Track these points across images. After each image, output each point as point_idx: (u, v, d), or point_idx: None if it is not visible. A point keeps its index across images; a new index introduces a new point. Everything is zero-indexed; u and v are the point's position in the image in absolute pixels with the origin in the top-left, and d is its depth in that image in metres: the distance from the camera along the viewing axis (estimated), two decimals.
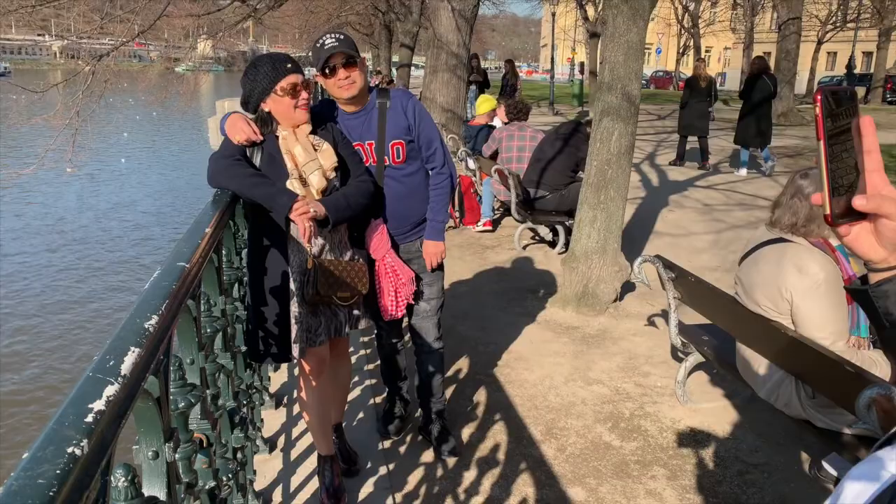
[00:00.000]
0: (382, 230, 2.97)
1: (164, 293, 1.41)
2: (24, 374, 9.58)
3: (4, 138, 32.94)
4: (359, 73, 2.80)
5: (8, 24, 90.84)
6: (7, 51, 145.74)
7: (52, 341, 10.66)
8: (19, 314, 11.60)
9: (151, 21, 8.73)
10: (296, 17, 25.78)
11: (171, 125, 36.27)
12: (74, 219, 18.14)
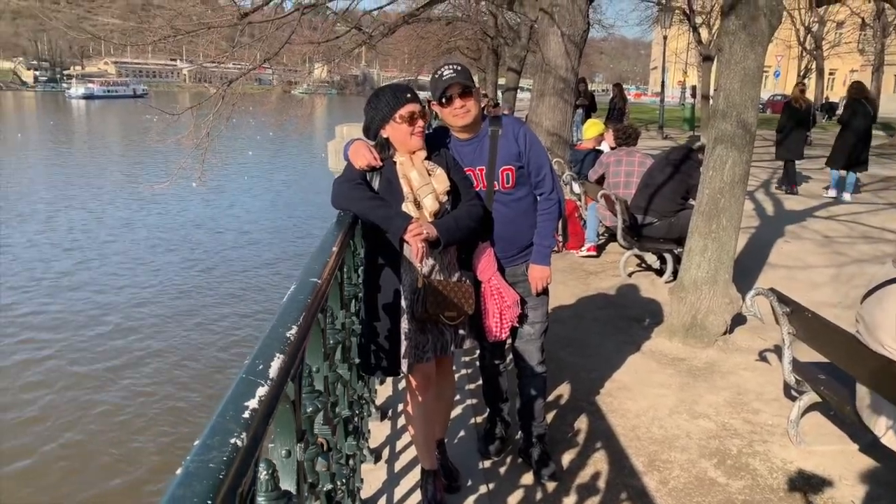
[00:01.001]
0: (490, 253, 3.06)
1: (301, 306, 1.55)
2: (155, 370, 10.39)
3: (142, 155, 35.89)
4: (473, 103, 2.92)
5: (146, 51, 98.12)
6: (145, 74, 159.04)
7: (182, 339, 11.51)
8: (154, 315, 12.62)
9: (276, 49, 9.32)
10: (406, 43, 26.62)
11: (287, 145, 38.29)
12: (201, 230, 19.56)
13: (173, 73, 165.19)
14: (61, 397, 9.58)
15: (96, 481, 7.66)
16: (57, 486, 7.56)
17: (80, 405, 9.38)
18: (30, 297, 13.56)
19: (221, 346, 11.49)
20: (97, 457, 8.17)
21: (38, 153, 39.83)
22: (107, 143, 47.44)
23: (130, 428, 8.81)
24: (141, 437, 8.56)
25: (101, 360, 10.78)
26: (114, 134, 55.34)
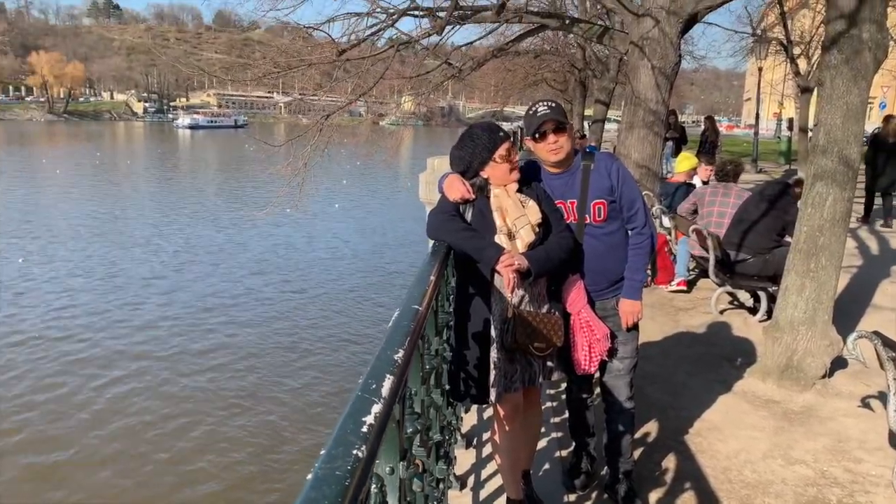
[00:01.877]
0: (580, 286, 3.09)
1: (405, 331, 1.65)
2: (256, 384, 10.88)
3: (242, 183, 37.79)
4: (566, 139, 3.00)
5: (246, 83, 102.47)
6: (243, 105, 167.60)
7: (277, 358, 12.04)
8: (254, 334, 13.27)
9: (370, 84, 9.69)
10: (493, 75, 26.97)
11: (376, 174, 39.36)
12: (296, 255, 20.43)
13: (270, 105, 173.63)
14: (171, 407, 10.17)
15: (200, 484, 8.14)
16: (169, 490, 8.09)
17: (184, 415, 9.92)
18: (139, 315, 14.47)
19: (311, 364, 11.92)
20: (196, 462, 8.65)
21: (146, 179, 42.62)
22: (209, 171, 50.24)
23: (230, 439, 9.26)
24: (239, 450, 8.98)
25: (205, 373, 11.41)
26: (216, 162, 58.49)
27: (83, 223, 24.64)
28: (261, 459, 8.78)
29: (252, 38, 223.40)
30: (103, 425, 9.66)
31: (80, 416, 9.92)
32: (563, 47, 21.29)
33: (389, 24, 9.18)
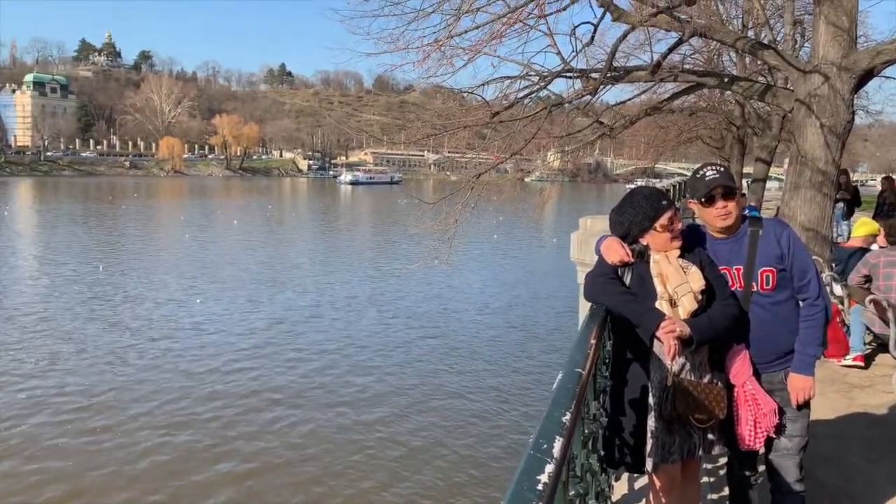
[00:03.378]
0: (745, 356, 2.96)
1: (571, 394, 1.69)
2: (410, 430, 11.21)
3: (396, 236, 39.58)
4: (735, 205, 2.92)
5: (399, 142, 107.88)
6: (397, 163, 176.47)
7: (427, 406, 12.36)
8: (415, 380, 13.76)
9: (521, 144, 9.93)
10: (644, 132, 26.52)
11: (522, 230, 39.71)
12: (444, 307, 21.00)
13: (421, 163, 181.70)
14: (333, 459, 10.69)
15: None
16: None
17: (351, 470, 10.36)
18: (297, 353, 15.45)
19: (461, 414, 12.08)
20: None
21: (312, 231, 45.87)
22: (367, 225, 53.25)
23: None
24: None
25: (374, 425, 11.86)
26: (373, 216, 61.84)
27: (255, 269, 26.91)
28: None
29: (407, 101, 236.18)
30: (273, 454, 10.34)
31: (275, 447, 10.67)
32: (719, 104, 20.62)
33: (542, 87, 9.41)
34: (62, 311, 19.05)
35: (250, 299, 21.22)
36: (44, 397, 12.51)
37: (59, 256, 29.37)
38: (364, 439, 11.14)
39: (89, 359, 14.80)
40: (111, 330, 17.19)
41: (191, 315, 18.90)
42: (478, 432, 11.40)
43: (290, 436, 11.25)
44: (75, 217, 49.58)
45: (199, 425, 11.51)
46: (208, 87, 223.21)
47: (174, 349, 15.71)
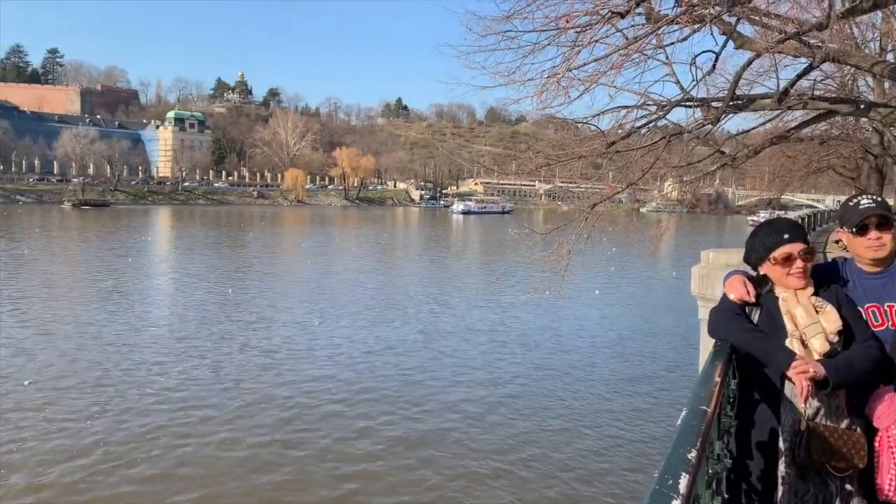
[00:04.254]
0: (890, 399, 2.75)
1: (696, 431, 1.66)
2: (521, 460, 11.13)
3: (507, 265, 39.70)
4: (890, 237, 2.75)
5: (509, 172, 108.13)
6: (506, 193, 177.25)
7: (542, 437, 12.22)
8: (520, 415, 13.68)
9: (638, 174, 9.75)
10: (769, 161, 25.23)
11: (637, 262, 38.67)
12: (556, 336, 20.82)
13: (531, 193, 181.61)
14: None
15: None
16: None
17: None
18: (408, 381, 15.75)
19: (572, 445, 11.83)
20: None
21: (424, 258, 46.83)
22: (478, 253, 53.78)
23: None
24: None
25: (490, 455, 11.90)
26: (484, 245, 62.34)
27: (370, 294, 27.79)
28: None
29: (519, 131, 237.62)
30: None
31: (384, 470, 10.97)
32: (854, 131, 19.29)
33: (661, 116, 9.22)
34: (198, 330, 20.44)
35: (365, 324, 21.88)
36: (183, 410, 13.42)
37: (195, 279, 31.61)
38: (476, 469, 11.14)
39: (221, 376, 15.76)
40: (242, 350, 18.21)
41: (311, 338, 19.74)
42: (591, 468, 11.13)
43: (400, 458, 11.44)
44: (209, 243, 53.29)
45: (313, 442, 11.96)
46: (330, 121, 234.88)
47: (296, 370, 16.43)
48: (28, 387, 14.30)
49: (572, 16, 7.20)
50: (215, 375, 15.77)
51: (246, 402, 13.99)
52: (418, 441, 12.23)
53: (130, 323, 21.21)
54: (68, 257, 41.02)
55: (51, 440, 11.70)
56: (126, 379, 15.23)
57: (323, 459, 11.37)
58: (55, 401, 13.63)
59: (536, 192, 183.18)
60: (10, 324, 20.38)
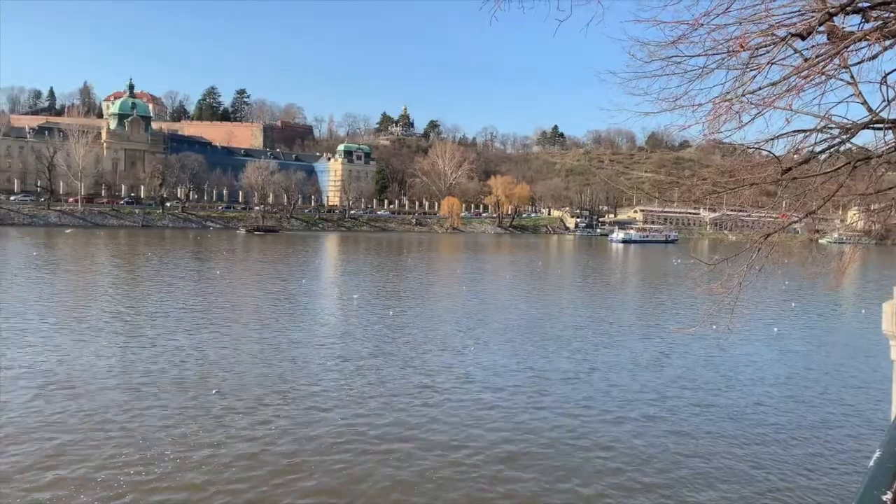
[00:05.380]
0: None
1: (891, 472, 1.58)
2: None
3: (670, 296, 38.13)
4: None
5: (673, 201, 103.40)
6: (667, 221, 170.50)
7: (713, 475, 11.63)
8: (685, 452, 13.09)
9: (818, 202, 9.07)
10: None
11: (816, 298, 35.53)
12: (722, 374, 19.66)
13: (695, 222, 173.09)
14: None
15: None
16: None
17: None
18: (561, 412, 15.58)
19: (749, 495, 11.11)
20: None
21: (580, 287, 46.17)
22: (638, 283, 52.18)
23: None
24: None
25: (631, 479, 11.57)
26: (645, 276, 60.37)
27: (524, 322, 27.85)
28: None
29: (682, 157, 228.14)
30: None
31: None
32: None
33: (844, 140, 8.55)
34: (363, 349, 21.59)
35: (522, 352, 21.94)
36: (353, 426, 14.23)
37: (349, 301, 33.43)
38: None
39: (386, 395, 16.52)
40: (402, 370, 18.99)
41: (468, 363, 20.11)
42: None
43: (563, 496, 11.32)
44: (372, 267, 56.16)
45: (475, 468, 12.16)
46: (486, 150, 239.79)
47: (455, 396, 16.82)
48: (213, 396, 15.82)
49: (746, 38, 6.95)
50: (381, 396, 16.55)
51: (410, 424, 14.51)
52: (584, 478, 12.02)
53: (305, 341, 22.85)
54: (252, 278, 45.05)
55: (230, 445, 12.88)
56: (299, 393, 16.41)
57: (486, 489, 11.53)
58: (236, 409, 14.98)
59: (701, 221, 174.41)
60: (206, 338, 22.73)
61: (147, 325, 24.56)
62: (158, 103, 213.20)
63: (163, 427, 13.65)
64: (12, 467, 11.46)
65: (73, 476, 11.23)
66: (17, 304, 28.29)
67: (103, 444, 12.69)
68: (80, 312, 27.05)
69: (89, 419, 13.97)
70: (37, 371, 17.45)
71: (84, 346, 20.56)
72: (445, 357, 20.83)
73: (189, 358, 19.60)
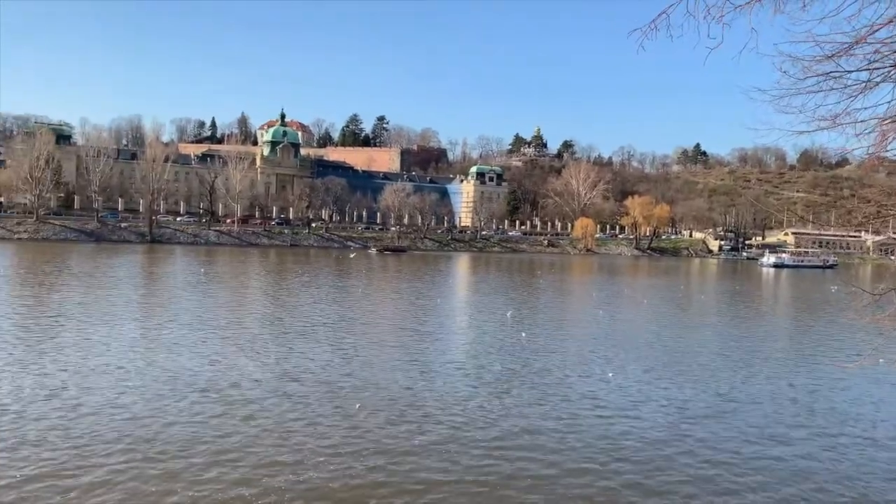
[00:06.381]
0: None
1: None
2: None
3: (830, 328, 35.29)
4: None
5: (829, 223, 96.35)
6: (825, 244, 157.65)
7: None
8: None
9: None
10: None
11: None
12: (891, 412, 17.88)
13: (855, 246, 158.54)
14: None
15: None
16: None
17: None
18: (705, 453, 14.84)
19: None
20: None
21: (723, 315, 43.76)
22: (790, 312, 48.73)
23: None
24: None
25: None
26: (798, 304, 56.22)
27: (663, 350, 26.76)
28: None
29: (840, 176, 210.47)
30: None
31: None
32: None
33: None
34: (494, 369, 21.75)
35: (663, 382, 21.09)
36: (494, 448, 14.41)
37: (491, 322, 33.69)
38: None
39: (525, 420, 16.55)
40: (542, 396, 18.86)
41: (605, 391, 19.58)
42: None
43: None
44: (503, 288, 56.38)
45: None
46: (622, 170, 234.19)
47: (594, 425, 16.50)
48: (358, 411, 16.52)
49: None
50: (517, 418, 16.59)
51: (548, 448, 14.42)
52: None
53: (441, 359, 23.32)
54: (390, 296, 46.75)
55: (369, 458, 13.42)
56: (438, 412, 16.75)
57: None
58: (378, 424, 15.58)
59: (863, 245, 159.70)
60: (349, 352, 23.88)
61: (297, 337, 26.18)
62: (306, 131, 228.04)
63: (311, 435, 14.48)
64: (181, 464, 12.64)
65: (231, 476, 12.19)
66: (186, 315, 31.20)
67: (257, 445, 13.70)
68: (238, 324, 29.37)
69: (246, 423, 15.10)
70: (199, 378, 19.11)
71: (240, 356, 22.27)
72: (584, 384, 20.43)
73: (333, 370, 20.66)
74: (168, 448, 13.40)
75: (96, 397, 16.75)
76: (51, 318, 29.06)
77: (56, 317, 29.57)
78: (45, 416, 15.13)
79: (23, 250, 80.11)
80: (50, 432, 14.02)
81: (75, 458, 12.68)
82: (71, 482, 11.63)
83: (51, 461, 12.50)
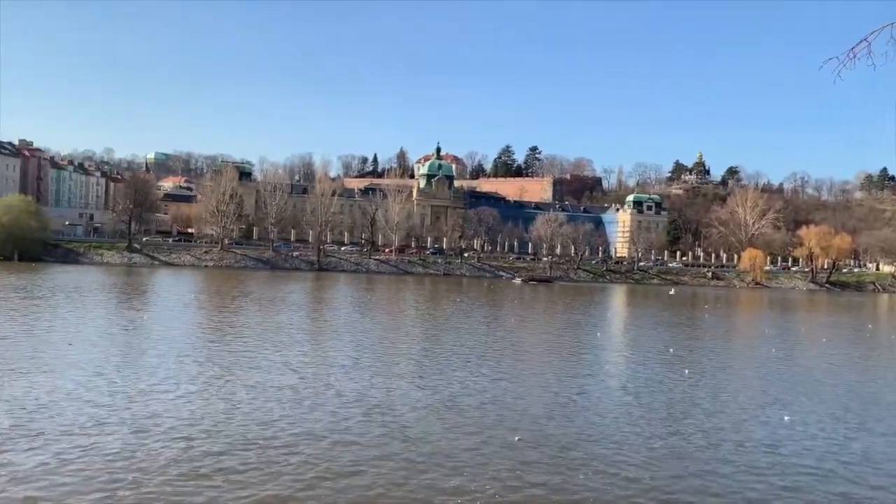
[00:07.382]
0: None
1: None
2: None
3: None
4: None
5: None
6: None
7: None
8: None
9: None
10: None
11: None
12: None
13: None
14: None
15: None
16: None
17: None
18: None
19: None
20: None
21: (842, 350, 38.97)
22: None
23: None
24: None
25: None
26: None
27: (852, 393, 24.21)
28: None
29: None
30: None
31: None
32: None
33: None
34: (659, 409, 20.76)
35: (846, 429, 19.09)
36: (660, 489, 13.77)
37: (650, 357, 32.27)
38: None
39: (693, 464, 15.65)
40: (708, 439, 17.78)
41: (780, 437, 18.06)
42: None
43: None
44: (666, 322, 53.82)
45: None
46: (795, 197, 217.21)
47: (765, 475, 15.31)
48: (518, 442, 16.40)
49: None
50: (686, 460, 15.72)
51: (713, 491, 13.54)
52: None
53: (599, 394, 22.76)
54: (543, 327, 46.37)
55: (538, 494, 13.24)
56: (599, 450, 16.32)
57: None
58: (540, 459, 15.39)
59: None
60: (505, 383, 23.92)
61: (456, 364, 26.65)
62: (460, 163, 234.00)
63: (473, 463, 14.57)
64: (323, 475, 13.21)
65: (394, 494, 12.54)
66: (354, 337, 32.96)
67: (417, 465, 14.04)
68: (403, 350, 30.49)
69: (406, 446, 15.53)
70: (362, 397, 19.98)
71: (398, 377, 23.04)
72: (757, 429, 18.94)
73: (488, 398, 20.77)
74: (332, 466, 14.09)
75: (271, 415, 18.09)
76: (240, 340, 31.88)
77: (245, 339, 32.35)
78: (226, 429, 16.54)
79: (210, 277, 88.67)
80: (233, 442, 15.28)
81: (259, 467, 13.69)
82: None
83: (231, 468, 13.56)
